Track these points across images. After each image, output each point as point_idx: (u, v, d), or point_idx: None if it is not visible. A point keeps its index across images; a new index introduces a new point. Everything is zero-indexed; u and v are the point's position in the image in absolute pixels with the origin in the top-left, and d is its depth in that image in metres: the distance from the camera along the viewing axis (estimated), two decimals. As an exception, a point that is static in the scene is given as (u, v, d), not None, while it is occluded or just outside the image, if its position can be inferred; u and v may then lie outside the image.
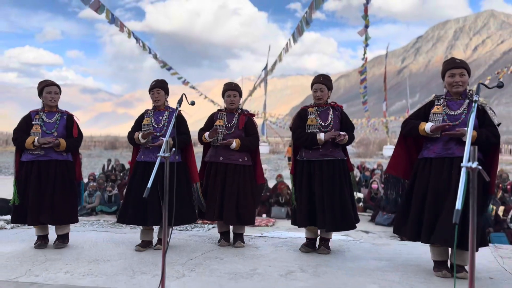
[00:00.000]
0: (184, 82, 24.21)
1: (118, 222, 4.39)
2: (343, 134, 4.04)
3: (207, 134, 4.37)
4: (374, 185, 11.40)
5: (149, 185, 2.61)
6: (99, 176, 12.93)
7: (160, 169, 2.96)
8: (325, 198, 3.98)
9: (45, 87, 4.23)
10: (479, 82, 3.06)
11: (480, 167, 1.96)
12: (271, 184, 12.29)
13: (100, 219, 9.92)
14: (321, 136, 4.06)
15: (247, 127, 4.48)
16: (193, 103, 3.49)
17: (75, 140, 4.32)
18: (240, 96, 4.54)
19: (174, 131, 3.31)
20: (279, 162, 25.91)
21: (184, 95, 3.51)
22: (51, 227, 4.33)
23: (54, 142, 4.13)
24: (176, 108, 3.52)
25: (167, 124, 4.22)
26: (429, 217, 3.34)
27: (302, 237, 4.39)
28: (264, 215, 9.96)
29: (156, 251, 4.12)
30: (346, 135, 4.07)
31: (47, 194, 4.10)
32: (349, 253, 4.18)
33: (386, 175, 3.90)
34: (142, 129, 4.30)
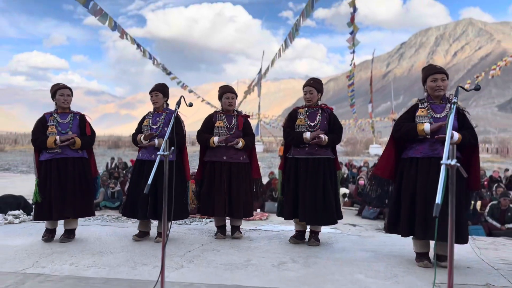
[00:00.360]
0: (183, 86, 24.14)
1: (122, 215, 4.46)
2: (322, 137, 4.02)
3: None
4: (361, 181, 11.46)
5: (149, 181, 2.60)
6: (103, 174, 12.87)
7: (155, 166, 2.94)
8: (307, 194, 3.99)
9: (58, 90, 4.21)
10: (458, 85, 3.07)
11: (459, 164, 1.97)
12: (264, 180, 12.26)
13: (104, 214, 9.87)
14: (307, 135, 4.07)
15: (245, 128, 4.51)
16: (191, 105, 3.48)
17: (89, 138, 4.31)
18: (236, 98, 4.56)
19: (169, 131, 3.28)
20: (272, 160, 25.93)
21: (182, 97, 3.50)
22: (60, 222, 4.31)
23: (74, 138, 4.12)
24: (175, 109, 3.51)
25: (163, 125, 4.24)
26: (421, 216, 3.29)
27: (293, 230, 4.40)
28: (259, 210, 9.95)
29: (156, 244, 4.11)
30: (325, 138, 4.04)
31: (69, 189, 4.09)
32: (337, 245, 4.19)
33: (373, 176, 3.75)
34: (142, 130, 4.34)
